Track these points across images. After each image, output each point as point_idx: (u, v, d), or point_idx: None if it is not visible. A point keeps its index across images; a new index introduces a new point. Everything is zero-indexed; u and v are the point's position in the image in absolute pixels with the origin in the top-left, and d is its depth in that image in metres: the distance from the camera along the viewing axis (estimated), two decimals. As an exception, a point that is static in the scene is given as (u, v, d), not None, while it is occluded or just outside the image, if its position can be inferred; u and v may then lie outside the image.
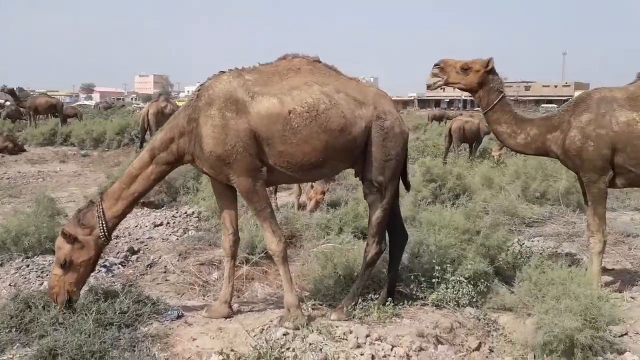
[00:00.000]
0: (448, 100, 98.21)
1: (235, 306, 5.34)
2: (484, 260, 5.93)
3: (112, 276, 6.27)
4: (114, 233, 5.11)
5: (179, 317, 4.96)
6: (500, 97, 5.79)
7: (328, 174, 5.16)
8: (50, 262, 6.37)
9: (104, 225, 4.66)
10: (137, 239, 7.73)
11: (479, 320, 5.21)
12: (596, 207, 5.63)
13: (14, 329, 4.39)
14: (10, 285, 5.77)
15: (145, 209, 9.70)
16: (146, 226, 8.32)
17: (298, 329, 4.63)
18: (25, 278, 5.95)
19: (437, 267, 5.47)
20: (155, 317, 4.86)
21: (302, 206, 9.92)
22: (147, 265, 6.82)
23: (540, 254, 6.48)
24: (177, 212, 8.91)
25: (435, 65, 5.78)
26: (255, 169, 4.61)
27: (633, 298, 5.73)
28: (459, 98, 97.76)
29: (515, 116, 5.83)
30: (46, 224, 6.77)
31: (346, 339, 4.49)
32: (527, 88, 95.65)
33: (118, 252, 7.07)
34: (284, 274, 4.85)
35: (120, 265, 6.73)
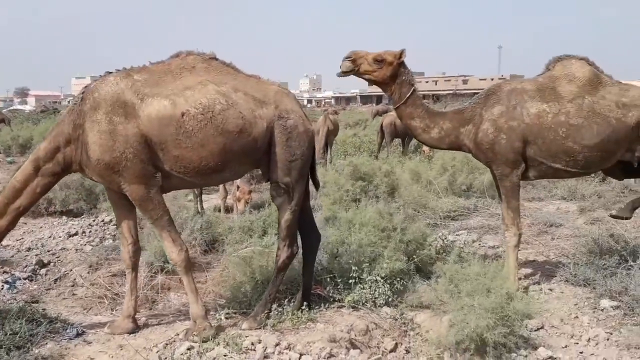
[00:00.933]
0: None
1: (142, 320, 5.08)
2: (404, 257, 5.85)
3: (16, 292, 5.87)
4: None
5: (79, 335, 4.67)
6: (412, 90, 5.60)
7: (230, 177, 4.93)
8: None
9: None
10: (48, 251, 7.31)
11: (396, 320, 5.10)
12: (510, 201, 5.57)
13: None
14: None
15: (64, 217, 9.25)
16: (60, 236, 7.87)
17: (205, 341, 4.41)
18: None
19: (353, 268, 5.35)
20: (51, 337, 4.56)
21: (229, 209, 9.68)
22: (56, 279, 6.44)
23: (461, 248, 6.46)
24: (94, 221, 8.49)
25: (347, 57, 5.48)
26: (147, 175, 4.34)
27: (551, 290, 5.72)
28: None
29: (427, 110, 5.70)
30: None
31: (254, 350, 4.30)
32: (465, 82, 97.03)
33: (26, 266, 6.65)
34: (187, 284, 4.62)
35: (27, 280, 6.32)
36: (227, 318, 5.05)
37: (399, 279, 5.39)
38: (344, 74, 5.56)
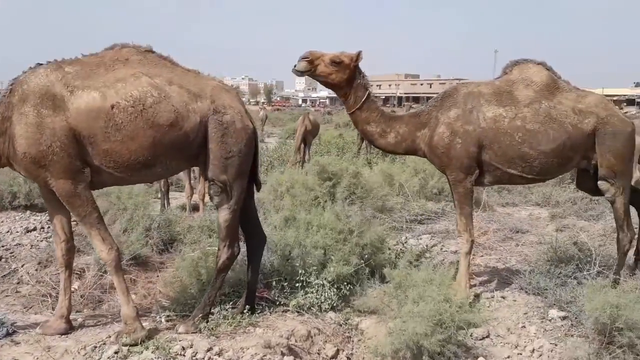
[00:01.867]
0: (384, 97, 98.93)
1: (79, 320, 4.94)
2: (360, 260, 5.74)
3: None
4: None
5: (8, 334, 4.53)
6: (367, 94, 5.42)
7: (163, 173, 4.74)
8: None
9: None
10: (3, 246, 7.15)
11: (340, 325, 4.99)
12: (463, 207, 5.45)
13: None
14: None
15: (28, 212, 9.07)
16: (17, 231, 7.70)
17: (134, 344, 4.28)
18: None
19: (300, 271, 5.23)
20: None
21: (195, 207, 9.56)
22: (4, 275, 6.29)
23: (419, 252, 6.34)
24: (54, 216, 8.31)
25: (303, 57, 5.27)
26: (75, 170, 4.21)
27: (504, 297, 5.61)
28: (394, 95, 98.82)
29: (383, 114, 5.54)
30: None
31: (183, 355, 4.16)
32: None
33: (-26, 261, 6.49)
34: (118, 285, 4.49)
35: (-27, 275, 6.16)
36: (167, 320, 4.94)
37: (346, 283, 5.27)
38: (300, 73, 5.33)
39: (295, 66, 5.32)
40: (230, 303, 5.16)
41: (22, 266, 6.48)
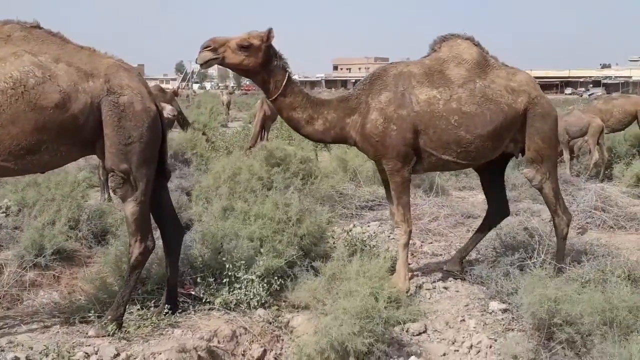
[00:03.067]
0: (354, 80, 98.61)
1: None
2: (296, 252, 5.42)
3: None
4: None
5: None
6: (287, 76, 4.84)
7: (53, 161, 4.26)
8: None
9: None
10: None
11: (270, 323, 4.66)
12: (400, 197, 5.09)
13: None
14: None
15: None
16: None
17: (31, 348, 3.90)
18: None
19: (228, 265, 4.86)
20: None
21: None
22: None
23: (361, 241, 6.01)
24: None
25: (205, 47, 4.62)
26: None
27: (446, 288, 5.33)
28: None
29: (309, 98, 4.98)
30: None
31: (85, 362, 3.79)
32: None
33: None
34: None
35: None
36: (81, 322, 4.56)
37: (277, 277, 4.93)
38: (205, 65, 4.71)
39: (196, 60, 4.73)
40: (153, 302, 4.81)
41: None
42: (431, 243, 7.00)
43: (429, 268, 5.96)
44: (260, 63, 4.72)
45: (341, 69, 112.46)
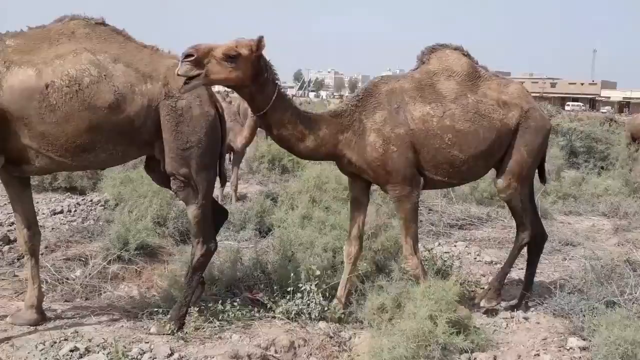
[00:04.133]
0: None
1: (60, 310, 4.73)
2: (372, 266, 5.27)
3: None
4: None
5: (-23, 321, 4.35)
6: (277, 89, 4.22)
7: (110, 160, 4.33)
8: None
9: None
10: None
11: (331, 337, 4.51)
12: (409, 226, 4.63)
13: None
14: None
15: (67, 194, 9.08)
16: (44, 213, 7.69)
17: (90, 340, 4.00)
18: None
19: (292, 274, 4.78)
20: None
21: (241, 197, 9.32)
22: (18, 257, 6.20)
23: (444, 261, 5.73)
24: (82, 200, 8.28)
25: (186, 56, 3.80)
26: None
27: (526, 319, 4.93)
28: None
29: (298, 113, 4.41)
30: None
31: (138, 359, 3.82)
32: (553, 85, 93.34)
33: (-13, 241, 6.46)
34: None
35: (-14, 257, 6.11)
36: (149, 318, 4.64)
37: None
38: (188, 80, 3.87)
39: (177, 71, 3.88)
40: (219, 303, 4.81)
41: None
42: (521, 269, 6.55)
43: (513, 294, 5.55)
44: (250, 75, 4.05)
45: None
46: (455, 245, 7.03)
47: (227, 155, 9.25)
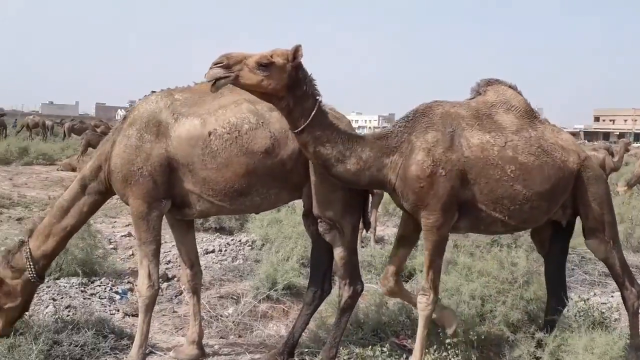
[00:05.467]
0: (617, 133, 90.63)
1: (216, 347, 4.98)
2: (523, 316, 5.08)
3: (121, 301, 6.13)
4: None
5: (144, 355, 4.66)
6: (317, 104, 4.00)
7: (264, 203, 4.47)
8: (73, 284, 6.40)
9: (32, 266, 4.42)
10: (179, 266, 7.59)
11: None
12: (434, 259, 4.28)
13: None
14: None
15: (216, 234, 9.61)
16: (197, 252, 8.16)
17: None
18: (40, 299, 5.97)
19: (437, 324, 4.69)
20: (113, 353, 4.62)
21: (379, 240, 9.37)
22: (176, 295, 6.62)
23: (602, 313, 5.37)
24: (232, 240, 8.71)
25: (216, 63, 3.72)
26: (154, 197, 4.24)
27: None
28: (630, 131, 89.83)
29: (339, 131, 4.13)
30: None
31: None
32: None
33: (150, 279, 6.94)
34: (140, 323, 4.38)
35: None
36: (300, 359, 4.76)
37: (493, 344, 4.62)
38: (215, 85, 3.75)
39: (205, 76, 3.83)
40: (369, 348, 4.81)
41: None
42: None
43: None
44: (284, 86, 3.87)
45: (603, 120, 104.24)
46: (612, 296, 6.57)
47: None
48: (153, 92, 4.50)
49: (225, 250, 8.28)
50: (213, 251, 8.25)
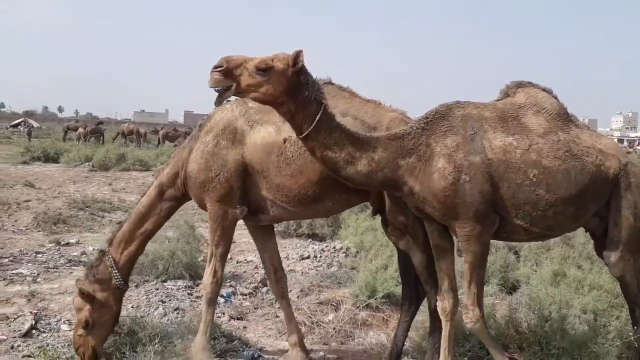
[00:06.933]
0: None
1: (321, 353, 5.02)
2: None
3: (225, 304, 6.29)
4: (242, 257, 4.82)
5: (253, 358, 4.77)
6: (322, 108, 3.82)
7: (335, 207, 4.52)
8: (179, 287, 6.64)
9: (118, 274, 4.59)
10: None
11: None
12: (476, 272, 3.98)
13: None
14: (132, 307, 6.07)
15: (309, 240, 9.72)
16: (293, 258, 8.30)
17: None
18: (149, 301, 6.23)
19: (558, 337, 4.55)
20: (226, 355, 4.73)
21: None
22: (276, 300, 6.73)
23: None
24: (327, 246, 8.77)
25: (216, 67, 3.58)
26: (230, 202, 4.34)
27: None
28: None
29: (347, 134, 3.92)
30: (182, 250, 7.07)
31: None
32: None
33: (250, 283, 7.11)
34: (204, 314, 4.49)
35: (247, 296, 6.73)
36: (408, 360, 4.73)
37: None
38: (221, 94, 3.66)
39: (208, 82, 3.69)
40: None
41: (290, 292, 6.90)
42: None
43: None
44: (283, 91, 3.71)
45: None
46: None
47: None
48: (228, 100, 4.60)
49: (320, 257, 8.37)
50: (308, 257, 8.36)
